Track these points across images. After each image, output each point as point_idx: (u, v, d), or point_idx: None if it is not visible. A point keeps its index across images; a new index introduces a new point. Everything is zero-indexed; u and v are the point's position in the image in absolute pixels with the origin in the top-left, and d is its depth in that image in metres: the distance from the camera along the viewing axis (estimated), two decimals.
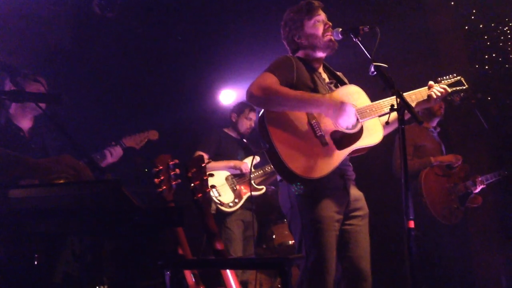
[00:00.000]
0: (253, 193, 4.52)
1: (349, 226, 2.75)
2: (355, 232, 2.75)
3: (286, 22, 2.97)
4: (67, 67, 5.17)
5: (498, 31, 5.42)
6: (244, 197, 4.53)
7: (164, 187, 2.04)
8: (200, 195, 1.92)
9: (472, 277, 4.43)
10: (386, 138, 2.88)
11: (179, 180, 2.10)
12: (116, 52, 5.53)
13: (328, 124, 2.71)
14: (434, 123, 4.60)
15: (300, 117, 2.70)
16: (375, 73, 2.48)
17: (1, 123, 3.07)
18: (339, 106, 2.64)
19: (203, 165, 1.98)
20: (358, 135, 2.74)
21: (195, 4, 5.76)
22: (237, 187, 4.52)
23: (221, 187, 4.49)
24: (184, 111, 5.80)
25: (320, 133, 2.67)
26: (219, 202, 4.42)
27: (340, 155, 2.68)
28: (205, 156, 4.49)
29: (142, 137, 3.97)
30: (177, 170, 2.09)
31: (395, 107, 2.33)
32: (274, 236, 4.97)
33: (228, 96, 6.28)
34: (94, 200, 1.47)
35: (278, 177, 2.79)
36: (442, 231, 4.19)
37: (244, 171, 4.51)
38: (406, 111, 2.31)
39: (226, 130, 4.85)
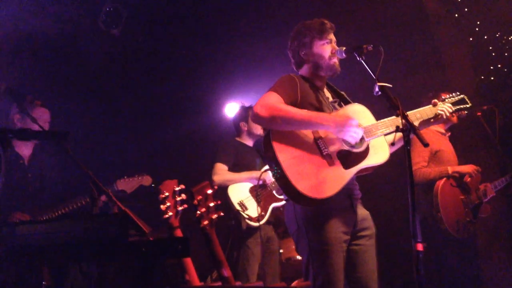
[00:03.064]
0: (276, 204, 4.40)
1: (357, 246, 2.74)
2: (362, 252, 2.74)
3: (296, 35, 2.97)
4: (72, 83, 5.22)
5: (503, 41, 5.41)
6: (269, 210, 4.40)
7: (170, 213, 2.04)
8: (206, 222, 1.92)
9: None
10: (392, 156, 2.87)
11: (186, 206, 2.10)
12: (121, 66, 5.57)
13: (334, 143, 2.70)
14: (447, 127, 4.51)
15: (306, 136, 2.69)
16: (380, 93, 2.47)
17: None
18: (345, 122, 2.63)
19: (209, 192, 1.98)
20: (364, 154, 2.74)
21: (201, 17, 5.80)
22: (261, 198, 4.36)
23: (246, 200, 4.35)
24: (189, 124, 5.81)
25: (326, 152, 2.67)
26: (247, 217, 4.27)
27: (347, 174, 2.67)
28: (225, 167, 4.43)
29: (135, 183, 4.00)
30: (184, 196, 2.08)
31: (400, 127, 2.33)
32: (281, 251, 4.95)
33: (234, 109, 6.25)
34: (100, 233, 1.47)
35: (284, 197, 2.78)
36: (453, 245, 4.12)
37: (267, 182, 4.36)
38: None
39: (238, 139, 4.75)
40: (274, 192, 4.37)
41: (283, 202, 4.37)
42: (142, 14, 5.55)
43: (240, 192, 4.37)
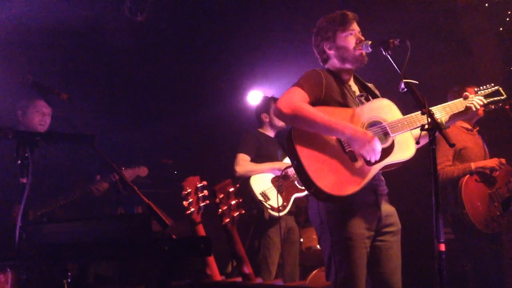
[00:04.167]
0: (298, 194, 4.40)
1: (381, 242, 2.72)
2: (386, 248, 2.72)
3: (318, 30, 2.93)
4: (94, 68, 5.28)
5: None
6: (291, 200, 4.40)
7: (193, 209, 2.06)
8: (227, 219, 1.94)
9: (502, 284, 4.31)
10: (419, 151, 2.82)
11: (208, 201, 2.11)
12: (144, 54, 5.60)
13: None
14: (473, 122, 4.40)
15: None
16: (406, 89, 2.42)
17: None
18: (365, 139, 2.58)
19: (230, 190, 1.99)
20: (389, 150, 2.70)
21: (225, 2, 5.77)
22: (283, 189, 4.37)
23: (268, 190, 4.36)
24: (212, 112, 5.83)
25: (349, 149, 2.64)
26: (269, 207, 4.28)
27: (371, 171, 2.64)
28: (248, 158, 4.44)
29: (131, 173, 4.11)
30: (206, 192, 2.10)
31: (426, 127, 2.29)
32: (302, 240, 4.97)
33: (257, 96, 6.22)
34: (123, 234, 1.50)
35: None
36: (481, 240, 4.07)
37: (290, 173, 4.36)
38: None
39: (261, 130, 4.73)
40: (296, 182, 4.37)
41: (305, 193, 4.36)
42: (167, 1, 5.55)
43: (262, 182, 4.37)
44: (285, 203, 4.34)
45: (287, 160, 4.46)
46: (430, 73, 4.83)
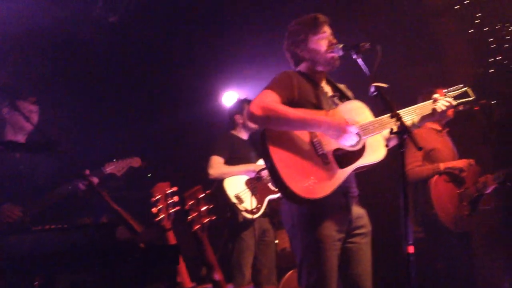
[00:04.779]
0: (272, 196, 4.42)
1: (351, 244, 2.74)
2: (357, 250, 2.74)
3: (290, 34, 2.94)
4: (66, 70, 5.19)
5: (504, 32, 5.36)
6: (265, 202, 4.42)
7: (162, 216, 2.04)
8: (197, 226, 1.92)
9: (474, 282, 4.39)
10: (389, 153, 2.85)
11: (178, 208, 2.10)
12: (117, 54, 5.53)
13: (330, 142, 2.69)
14: (443, 124, 4.46)
15: (301, 136, 2.67)
16: (375, 93, 2.45)
17: None
18: (341, 127, 2.62)
19: (200, 196, 1.97)
20: (360, 152, 2.72)
21: (200, 4, 5.73)
22: (257, 191, 4.38)
23: (242, 193, 4.37)
24: (186, 114, 5.78)
25: (321, 152, 2.66)
26: (243, 209, 4.29)
27: (342, 174, 2.66)
28: (221, 160, 4.42)
29: (124, 164, 4.00)
30: (176, 198, 2.08)
31: (395, 130, 2.31)
32: (277, 241, 4.98)
33: (232, 98, 6.19)
34: (88, 243, 1.48)
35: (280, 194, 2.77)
36: (450, 239, 4.13)
37: (263, 174, 4.36)
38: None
39: (234, 132, 4.72)
40: (269, 184, 4.37)
41: (279, 194, 4.41)
42: (140, 1, 5.49)
43: (236, 185, 4.37)
44: (259, 205, 4.35)
45: (261, 162, 4.47)
46: (401, 76, 4.89)
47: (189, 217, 1.92)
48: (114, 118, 5.45)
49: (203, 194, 2.01)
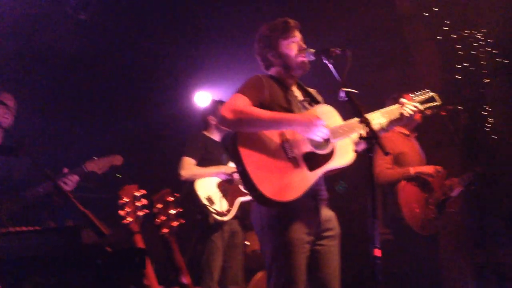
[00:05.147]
0: (243, 198, 4.38)
1: (320, 247, 2.77)
2: (325, 252, 2.77)
3: (261, 38, 2.96)
4: (34, 67, 5.08)
5: (471, 39, 5.50)
6: (236, 204, 4.39)
7: (130, 219, 2.02)
8: (166, 230, 1.91)
9: (439, 284, 4.49)
10: (358, 157, 2.88)
11: (146, 211, 2.08)
12: (88, 53, 5.44)
13: (300, 146, 2.71)
14: (411, 128, 4.53)
15: (272, 139, 2.69)
16: (345, 98, 2.48)
17: None
18: (312, 121, 2.65)
19: (169, 199, 1.96)
20: (330, 155, 2.75)
21: (170, 3, 5.69)
22: (228, 193, 4.35)
23: (213, 195, 4.33)
24: (157, 113, 5.72)
25: (292, 155, 2.68)
26: (214, 211, 4.25)
27: (312, 177, 2.69)
28: (193, 161, 4.38)
29: (106, 162, 3.91)
30: (144, 201, 2.06)
31: (363, 135, 2.35)
32: (248, 243, 4.98)
33: (204, 97, 6.15)
34: (52, 247, 1.45)
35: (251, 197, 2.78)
36: (418, 242, 4.20)
37: (235, 176, 4.33)
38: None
39: (206, 133, 4.65)
40: (241, 187, 4.36)
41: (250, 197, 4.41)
42: None
43: (207, 187, 4.35)
44: (230, 208, 4.34)
45: (232, 164, 4.45)
46: (371, 80, 4.96)
47: (157, 221, 1.91)
48: (84, 119, 5.36)
49: (172, 198, 2.00)
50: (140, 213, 2.06)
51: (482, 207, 5.09)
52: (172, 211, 1.96)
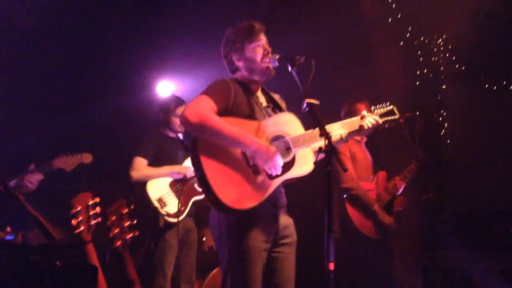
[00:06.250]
0: (197, 197, 4.32)
1: (277, 254, 2.78)
2: (282, 259, 2.79)
3: (227, 41, 2.93)
4: None
5: (432, 46, 5.61)
6: (190, 204, 4.31)
7: (82, 228, 1.96)
8: (119, 243, 1.87)
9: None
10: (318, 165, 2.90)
11: (99, 219, 2.02)
12: (44, 38, 5.21)
13: None
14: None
15: None
16: (307, 109, 2.48)
17: None
18: (269, 156, 2.62)
19: (124, 211, 1.91)
20: (290, 164, 2.76)
21: None
22: (182, 193, 4.23)
23: (166, 196, 4.23)
24: (118, 104, 5.50)
25: (252, 163, 2.67)
26: (166, 213, 4.16)
27: (272, 185, 2.69)
28: (145, 162, 4.25)
29: (75, 160, 3.83)
30: (98, 209, 2.00)
31: (324, 149, 2.36)
32: (204, 239, 4.97)
33: (166, 87, 5.97)
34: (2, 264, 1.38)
35: None
36: (370, 246, 4.28)
37: (188, 176, 4.24)
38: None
39: (161, 129, 4.51)
40: (195, 185, 4.30)
41: (204, 196, 4.34)
42: None
43: (159, 188, 4.23)
44: (183, 208, 4.24)
45: (187, 163, 4.37)
46: (332, 83, 4.99)
47: (111, 234, 1.86)
48: (37, 110, 5.11)
49: (127, 209, 1.95)
50: (93, 222, 2.00)
51: (432, 208, 5.22)
52: (126, 224, 1.91)
